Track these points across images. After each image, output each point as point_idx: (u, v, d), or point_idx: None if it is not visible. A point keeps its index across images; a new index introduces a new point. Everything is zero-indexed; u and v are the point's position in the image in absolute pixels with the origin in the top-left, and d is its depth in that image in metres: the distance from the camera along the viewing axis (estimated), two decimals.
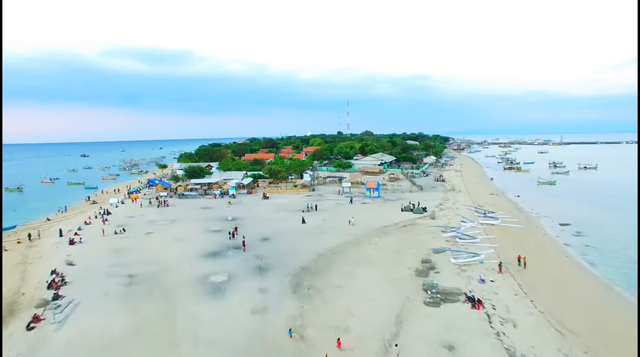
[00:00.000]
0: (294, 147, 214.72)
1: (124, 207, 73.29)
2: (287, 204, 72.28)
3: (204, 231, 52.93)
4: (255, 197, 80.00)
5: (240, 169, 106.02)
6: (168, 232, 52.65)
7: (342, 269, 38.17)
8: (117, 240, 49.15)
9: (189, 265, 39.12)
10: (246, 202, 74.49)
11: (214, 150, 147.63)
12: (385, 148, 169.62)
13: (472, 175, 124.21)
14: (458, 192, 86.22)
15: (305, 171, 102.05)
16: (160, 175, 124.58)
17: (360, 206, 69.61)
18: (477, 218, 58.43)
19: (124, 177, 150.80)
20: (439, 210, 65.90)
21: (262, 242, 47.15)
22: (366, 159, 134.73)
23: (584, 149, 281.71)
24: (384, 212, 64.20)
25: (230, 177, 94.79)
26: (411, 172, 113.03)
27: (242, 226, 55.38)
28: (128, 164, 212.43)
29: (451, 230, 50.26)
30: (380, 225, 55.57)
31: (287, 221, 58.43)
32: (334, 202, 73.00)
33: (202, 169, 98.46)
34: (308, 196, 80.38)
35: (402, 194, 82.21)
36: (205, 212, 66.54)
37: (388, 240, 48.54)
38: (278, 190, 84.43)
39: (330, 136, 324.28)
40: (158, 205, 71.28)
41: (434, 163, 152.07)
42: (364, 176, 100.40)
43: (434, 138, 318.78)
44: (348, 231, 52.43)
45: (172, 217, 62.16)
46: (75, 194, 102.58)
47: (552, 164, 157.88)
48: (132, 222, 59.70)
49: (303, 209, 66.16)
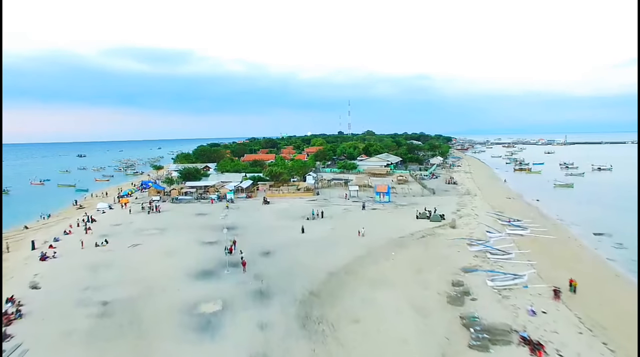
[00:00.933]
0: (295, 147, 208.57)
1: (112, 213, 67.14)
2: (290, 209, 66.18)
3: (198, 243, 46.79)
4: (255, 201, 73.85)
5: (239, 171, 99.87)
6: (156, 244, 46.49)
7: (359, 294, 32.09)
8: (97, 254, 43.00)
9: (176, 288, 33.00)
10: (245, 208, 68.36)
11: (212, 151, 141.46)
12: (389, 148, 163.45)
13: (483, 177, 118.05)
14: (473, 196, 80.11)
15: (308, 173, 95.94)
16: (155, 177, 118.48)
17: (370, 213, 63.46)
18: (503, 227, 52.33)
19: (118, 178, 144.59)
20: (457, 217, 59.82)
21: (262, 258, 41.03)
22: (371, 160, 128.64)
23: (590, 149, 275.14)
24: (398, 220, 58.09)
25: (229, 179, 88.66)
26: (420, 174, 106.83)
27: (240, 236, 49.29)
28: (124, 164, 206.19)
29: (478, 243, 44.14)
30: (395, 235, 49.46)
31: (290, 230, 52.30)
32: (341, 208, 66.87)
33: (198, 171, 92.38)
34: (312, 200, 74.24)
35: (414, 199, 76.13)
36: (200, 219, 60.42)
37: (407, 254, 42.46)
38: (279, 194, 78.31)
39: (331, 136, 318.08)
40: (148, 211, 65.10)
41: (441, 164, 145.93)
42: (371, 179, 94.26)
43: (437, 138, 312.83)
44: (360, 242, 46.32)
45: (163, 226, 56.01)
46: (65, 197, 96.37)
47: (564, 165, 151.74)
48: (118, 231, 53.56)
49: (308, 215, 60.06)
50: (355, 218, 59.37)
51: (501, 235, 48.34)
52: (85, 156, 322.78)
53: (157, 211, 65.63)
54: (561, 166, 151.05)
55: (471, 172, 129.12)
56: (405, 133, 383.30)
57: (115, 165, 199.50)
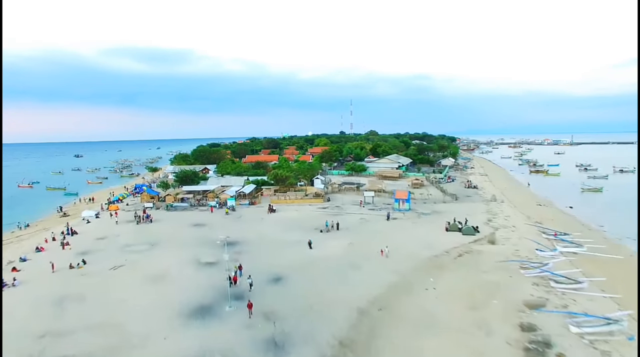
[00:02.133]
0: (298, 147, 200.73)
1: (98, 223, 59.39)
2: (300, 219, 58.44)
3: (193, 264, 39.08)
4: (259, 209, 66.06)
5: (241, 174, 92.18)
6: (143, 266, 38.75)
7: (400, 342, 24.50)
8: (69, 280, 35.27)
9: (162, 336, 25.28)
10: (248, 217, 60.61)
11: (212, 151, 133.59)
12: (398, 149, 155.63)
13: (502, 180, 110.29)
14: (500, 202, 72.33)
15: (315, 176, 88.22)
16: (150, 179, 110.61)
17: (391, 223, 55.68)
18: (551, 243, 44.63)
19: (112, 180, 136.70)
20: (492, 229, 52.14)
21: (272, 286, 33.33)
22: (381, 161, 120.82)
23: (599, 150, 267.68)
24: (424, 233, 50.34)
25: (229, 183, 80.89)
26: (436, 177, 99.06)
27: (244, 254, 41.60)
28: (120, 165, 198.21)
29: (533, 265, 36.46)
30: (427, 253, 41.76)
31: (302, 246, 44.57)
32: (356, 217, 59.12)
33: (196, 174, 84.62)
34: (323, 208, 66.48)
35: (435, 206, 68.39)
36: (198, 231, 52.67)
37: (448, 280, 34.78)
38: (286, 200, 70.53)
39: (334, 136, 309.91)
40: (137, 221, 57.26)
41: (453, 166, 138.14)
42: (384, 182, 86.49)
43: (440, 138, 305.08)
44: (386, 264, 38.64)
45: (154, 240, 48.25)
46: (51, 202, 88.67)
47: (582, 167, 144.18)
48: (101, 247, 45.82)
49: (321, 227, 52.34)
50: (375, 230, 51.66)
51: (554, 254, 40.67)
52: (82, 156, 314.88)
53: (149, 221, 57.88)
54: (579, 168, 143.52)
55: (487, 175, 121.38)
56: (407, 133, 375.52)
57: (111, 167, 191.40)
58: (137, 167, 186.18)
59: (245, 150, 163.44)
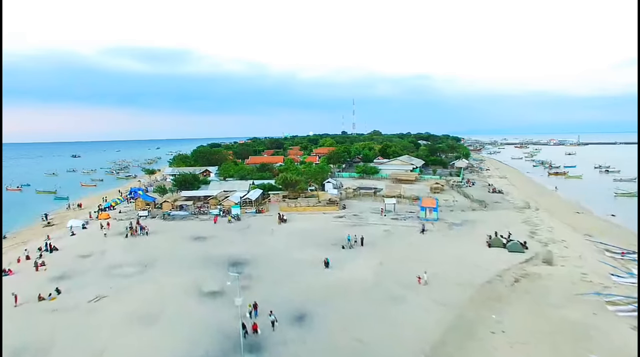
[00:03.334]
0: (302, 147, 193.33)
1: (85, 235, 52.01)
2: (315, 231, 51.08)
3: (193, 294, 31.72)
4: (267, 218, 58.69)
5: (245, 177, 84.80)
6: (132, 296, 31.40)
7: None
8: (35, 318, 27.92)
9: None
10: (256, 228, 53.25)
11: (213, 152, 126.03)
12: (408, 150, 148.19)
13: (525, 184, 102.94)
14: (535, 210, 64.94)
15: (326, 180, 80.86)
16: (146, 182, 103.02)
17: (423, 237, 48.22)
18: (625, 265, 37.30)
19: (107, 182, 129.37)
20: (540, 244, 44.82)
21: (294, 327, 26.01)
22: (393, 163, 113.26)
23: (609, 150, 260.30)
24: (464, 249, 42.99)
25: (233, 188, 73.45)
26: (456, 181, 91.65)
27: (255, 279, 34.27)
28: (117, 166, 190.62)
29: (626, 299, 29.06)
30: (476, 278, 34.45)
31: (323, 266, 37.29)
32: (379, 229, 51.73)
33: (196, 178, 77.17)
34: (339, 216, 59.08)
35: (464, 214, 61.06)
36: (199, 246, 45.28)
37: (514, 318, 27.44)
38: (297, 208, 63.14)
39: (339, 136, 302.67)
40: (126, 235, 49.69)
41: (468, 168, 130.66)
42: (402, 187, 79.03)
43: (445, 138, 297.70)
44: (432, 293, 31.33)
45: (147, 258, 40.88)
46: (39, 207, 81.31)
47: (603, 169, 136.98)
48: (83, 268, 38.45)
49: (342, 242, 44.97)
50: (405, 246, 44.31)
51: (632, 279, 33.34)
52: (79, 157, 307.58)
53: (145, 233, 50.37)
54: (600, 170, 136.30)
55: (506, 177, 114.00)
56: (409, 133, 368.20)
57: (108, 168, 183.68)
58: (134, 169, 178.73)
59: (248, 151, 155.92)
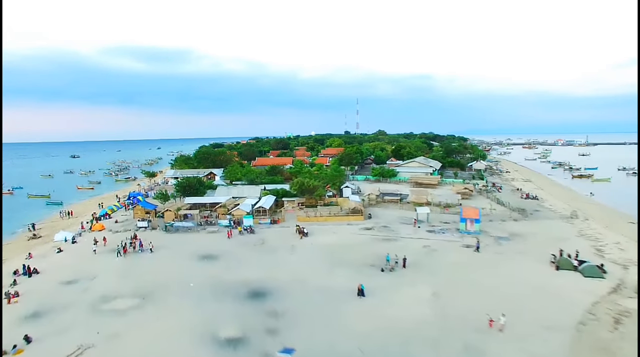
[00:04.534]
0: (309, 148, 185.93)
1: (73, 251, 44.61)
2: (343, 246, 43.64)
3: (208, 343, 24.33)
4: (284, 230, 51.28)
5: (254, 181, 77.37)
6: (126, 348, 24.02)
7: None
8: None
9: None
10: (273, 243, 45.81)
11: (217, 153, 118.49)
12: (422, 151, 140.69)
13: (553, 188, 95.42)
14: (584, 220, 57.46)
15: (344, 185, 73.43)
16: (147, 186, 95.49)
17: (475, 257, 40.71)
18: None
19: (105, 185, 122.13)
20: (617, 265, 37.38)
21: None
22: (410, 165, 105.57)
23: (621, 151, 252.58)
24: (526, 273, 35.54)
25: (242, 194, 65.97)
26: (486, 186, 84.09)
27: (282, 317, 26.86)
28: (116, 167, 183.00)
29: None
30: (566, 318, 27.02)
31: (362, 298, 29.93)
32: (417, 245, 44.27)
33: (201, 182, 69.69)
34: (366, 228, 51.64)
35: (506, 225, 53.57)
36: (209, 269, 37.81)
37: None
38: (317, 217, 55.68)
39: (346, 136, 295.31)
40: (118, 252, 41.92)
41: (487, 170, 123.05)
42: (429, 192, 71.46)
43: (450, 138, 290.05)
44: (515, 343, 23.94)
45: (146, 286, 33.46)
46: (29, 214, 74.18)
47: (629, 171, 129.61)
48: (65, 300, 31.02)
49: (379, 262, 37.56)
50: (456, 268, 36.87)
51: None
52: (78, 157, 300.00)
53: (150, 251, 42.88)
54: (627, 173, 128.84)
55: (530, 180, 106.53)
56: (411, 132, 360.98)
57: (107, 169, 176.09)
58: (134, 170, 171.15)
59: (253, 152, 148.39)
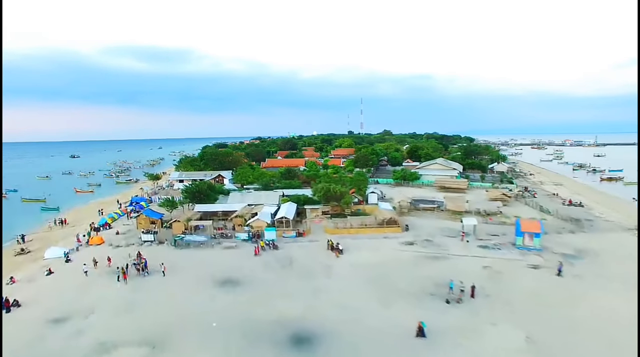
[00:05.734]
0: (317, 148, 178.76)
1: (66, 273, 37.45)
2: (387, 266, 36.43)
3: None
4: (312, 244, 44.05)
5: (268, 185, 70.21)
6: None
7: None
8: None
9: None
10: (303, 262, 38.60)
11: (224, 154, 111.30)
12: (439, 152, 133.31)
13: (589, 193, 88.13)
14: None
15: (369, 190, 66.22)
16: (150, 190, 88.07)
17: (554, 283, 33.38)
18: None
19: (106, 187, 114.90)
20: None
21: None
22: (431, 167, 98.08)
23: (635, 152, 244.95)
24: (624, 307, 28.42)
25: (258, 200, 58.70)
26: (522, 191, 76.72)
27: None
28: (117, 168, 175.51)
29: None
30: None
31: (424, 341, 22.83)
32: (475, 265, 37.04)
33: (211, 187, 62.49)
34: (407, 243, 44.43)
35: (565, 239, 46.33)
36: (233, 299, 30.51)
37: None
38: (348, 229, 48.45)
39: (354, 136, 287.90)
40: (118, 277, 34.50)
41: (509, 172, 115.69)
42: (466, 199, 64.16)
43: (457, 138, 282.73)
44: None
45: (155, 327, 26.31)
46: (20, 222, 66.93)
47: None
48: (50, 352, 23.92)
49: (438, 290, 30.43)
50: (537, 297, 29.69)
51: None
52: (78, 157, 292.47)
53: (162, 273, 35.60)
54: None
55: (561, 184, 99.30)
56: (414, 132, 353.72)
57: (107, 170, 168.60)
58: (136, 171, 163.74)
59: (261, 153, 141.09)
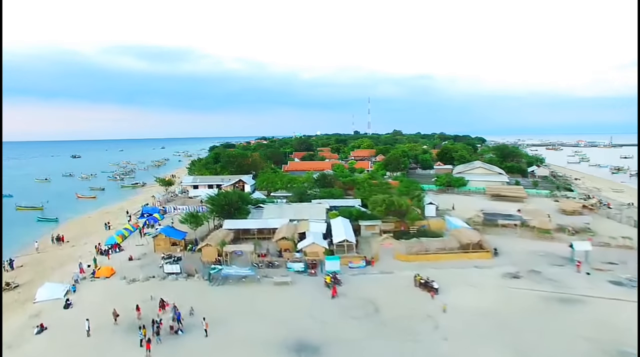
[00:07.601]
0: (333, 149, 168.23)
1: (64, 331, 27.14)
2: (498, 312, 26.15)
3: None
4: (385, 278, 33.63)
5: (304, 193, 59.80)
6: None
7: None
8: None
9: None
10: (391, 308, 28.17)
11: (240, 156, 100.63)
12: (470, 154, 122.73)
13: None
14: None
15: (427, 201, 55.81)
16: (162, 198, 77.04)
17: None
18: None
19: (110, 192, 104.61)
20: None
21: None
22: (474, 172, 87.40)
23: None
24: None
25: (300, 215, 47.95)
26: (596, 201, 66.16)
27: None
28: (121, 170, 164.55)
29: None
30: None
31: None
32: (622, 310, 26.68)
33: (242, 198, 51.86)
34: (511, 276, 34.06)
35: None
36: None
37: None
38: (426, 255, 38.03)
39: (368, 137, 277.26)
40: (141, 342, 23.25)
41: (552, 177, 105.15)
42: (546, 213, 53.62)
43: (468, 138, 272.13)
44: None
45: None
46: (13, 237, 56.57)
47: None
48: None
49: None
50: None
51: None
52: (79, 157, 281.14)
53: (178, 327, 25.41)
54: None
55: (623, 191, 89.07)
56: (419, 133, 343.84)
57: (110, 172, 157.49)
58: (141, 173, 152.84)
59: (279, 155, 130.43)
